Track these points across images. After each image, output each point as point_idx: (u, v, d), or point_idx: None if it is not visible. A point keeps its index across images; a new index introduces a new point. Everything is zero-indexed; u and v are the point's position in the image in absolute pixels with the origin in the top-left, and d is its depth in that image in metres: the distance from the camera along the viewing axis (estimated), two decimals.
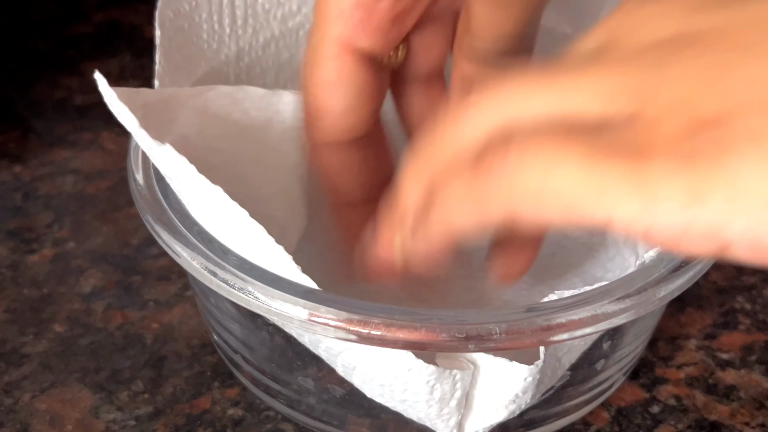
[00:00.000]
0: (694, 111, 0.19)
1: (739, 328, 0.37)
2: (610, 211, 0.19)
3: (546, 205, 0.20)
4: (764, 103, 0.18)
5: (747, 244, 0.18)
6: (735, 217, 0.18)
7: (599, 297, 0.25)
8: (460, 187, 0.23)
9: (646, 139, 0.19)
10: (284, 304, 0.25)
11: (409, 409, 0.28)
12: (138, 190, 0.29)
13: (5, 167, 0.44)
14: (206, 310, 0.32)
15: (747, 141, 0.18)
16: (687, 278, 0.27)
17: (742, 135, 0.18)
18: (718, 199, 0.18)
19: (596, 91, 0.21)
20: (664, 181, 0.19)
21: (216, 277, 0.26)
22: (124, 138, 0.46)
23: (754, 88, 0.18)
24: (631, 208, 0.19)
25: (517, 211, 0.21)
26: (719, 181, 0.18)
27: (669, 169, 0.19)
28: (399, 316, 0.25)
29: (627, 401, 0.34)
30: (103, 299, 0.37)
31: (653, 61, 0.20)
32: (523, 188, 0.21)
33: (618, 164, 0.19)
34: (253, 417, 0.33)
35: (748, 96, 0.18)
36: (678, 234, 0.19)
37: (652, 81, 0.20)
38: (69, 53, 0.52)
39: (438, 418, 0.28)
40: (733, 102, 0.18)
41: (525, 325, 0.25)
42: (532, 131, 0.21)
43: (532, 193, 0.21)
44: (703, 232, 0.18)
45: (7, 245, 0.40)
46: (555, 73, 0.22)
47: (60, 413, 0.33)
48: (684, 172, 0.18)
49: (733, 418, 0.33)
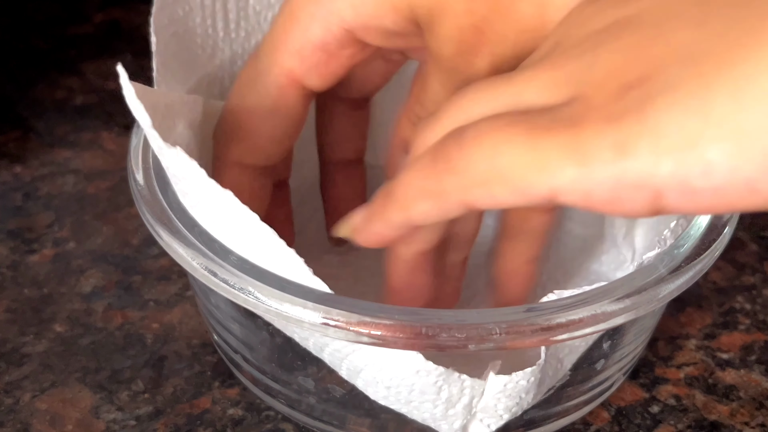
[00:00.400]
0: (620, 78, 0.20)
1: (739, 328, 0.37)
2: (551, 182, 0.21)
3: (495, 188, 0.22)
4: (677, 59, 0.20)
5: (677, 189, 0.19)
6: (660, 162, 0.19)
7: (599, 297, 0.25)
8: (418, 181, 0.24)
9: (580, 112, 0.21)
10: (295, 308, 0.25)
11: (414, 410, 0.28)
12: (138, 190, 0.29)
13: (6, 167, 0.44)
14: (206, 310, 0.32)
15: (665, 92, 0.19)
16: (687, 278, 0.27)
17: (661, 87, 0.19)
18: (644, 148, 0.19)
19: (539, 86, 0.23)
20: (594, 142, 0.20)
21: (216, 276, 0.26)
22: (124, 138, 0.46)
23: (668, 50, 0.20)
24: (568, 174, 0.20)
25: (471, 198, 0.22)
26: (643, 132, 0.19)
27: (598, 131, 0.20)
28: (399, 316, 0.25)
29: (627, 401, 0.34)
30: (104, 299, 0.37)
31: (586, 49, 0.22)
32: (473, 175, 0.22)
33: (555, 138, 0.20)
34: (253, 417, 0.33)
35: (664, 57, 0.20)
36: (613, 191, 0.20)
37: (584, 65, 0.22)
38: (69, 53, 0.52)
39: (443, 420, 0.28)
40: (652, 64, 0.20)
41: (525, 325, 0.25)
42: (480, 122, 0.22)
43: (482, 179, 0.22)
44: (634, 183, 0.20)
45: (8, 245, 0.40)
46: (506, 78, 0.24)
47: (60, 413, 0.33)
48: (612, 131, 0.20)
49: (733, 417, 0.33)
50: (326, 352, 0.28)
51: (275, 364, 0.31)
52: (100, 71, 0.51)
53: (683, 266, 0.27)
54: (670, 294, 0.26)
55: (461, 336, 0.25)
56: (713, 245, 0.28)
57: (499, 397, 0.27)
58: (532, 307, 0.25)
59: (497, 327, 0.25)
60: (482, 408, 0.27)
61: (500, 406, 0.27)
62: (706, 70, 0.19)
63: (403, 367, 0.26)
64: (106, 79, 0.50)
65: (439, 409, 0.27)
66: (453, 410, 0.27)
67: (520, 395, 0.27)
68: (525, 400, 0.28)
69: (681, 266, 0.27)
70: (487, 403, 0.27)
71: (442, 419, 0.28)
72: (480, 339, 0.25)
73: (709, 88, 0.19)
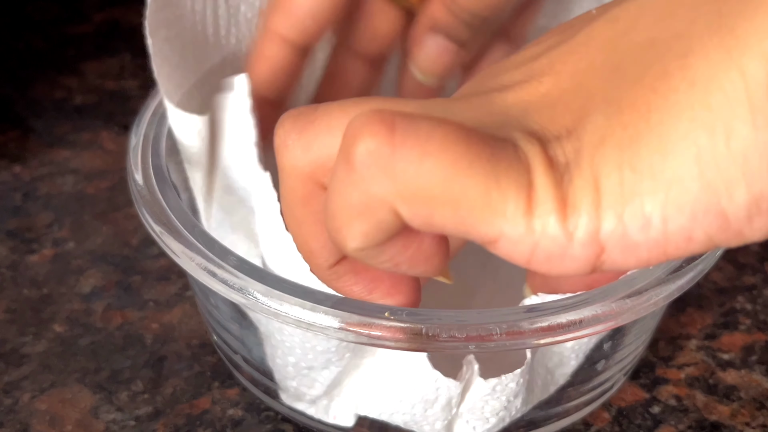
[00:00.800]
0: (549, 131, 0.20)
1: (740, 328, 0.37)
2: (503, 229, 0.19)
3: (437, 210, 0.20)
4: (599, 109, 0.19)
5: (618, 245, 0.19)
6: (603, 219, 0.19)
7: (599, 298, 0.25)
8: (338, 198, 0.21)
9: (526, 156, 0.20)
10: (293, 308, 0.25)
11: (395, 414, 0.28)
12: (137, 191, 0.29)
13: (5, 167, 0.44)
14: (206, 311, 0.32)
15: (597, 145, 0.19)
16: (687, 279, 0.27)
17: (590, 139, 0.19)
18: (587, 205, 0.19)
19: (476, 110, 0.22)
20: (544, 202, 0.19)
21: (215, 277, 0.26)
22: (123, 138, 0.46)
23: (588, 99, 0.20)
24: (518, 229, 0.19)
25: (402, 211, 0.20)
26: (585, 188, 0.19)
27: (545, 184, 0.19)
28: (399, 316, 0.25)
29: (627, 401, 0.34)
30: (103, 299, 0.37)
31: (514, 101, 0.21)
32: (413, 186, 0.20)
33: (511, 180, 0.19)
34: (252, 417, 0.33)
35: (586, 107, 0.20)
36: (560, 248, 0.19)
37: (512, 110, 0.21)
38: (69, 53, 0.52)
39: (423, 421, 0.28)
40: (577, 114, 0.20)
41: (525, 325, 0.25)
42: (425, 116, 0.20)
43: (424, 194, 0.20)
44: (581, 241, 0.19)
45: (7, 245, 0.40)
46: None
47: (60, 413, 0.33)
48: (557, 189, 0.19)
49: (734, 418, 0.33)
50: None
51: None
52: (99, 71, 0.51)
53: (683, 267, 0.27)
54: (671, 295, 0.26)
55: (461, 336, 0.24)
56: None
57: (486, 400, 0.27)
58: (533, 308, 0.25)
59: (497, 327, 0.25)
60: (468, 409, 0.27)
61: (487, 408, 0.27)
62: (627, 121, 0.19)
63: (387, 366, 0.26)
64: (105, 78, 0.50)
65: (417, 409, 0.27)
66: (431, 411, 0.27)
67: (508, 399, 0.27)
68: (513, 404, 0.28)
69: (681, 267, 0.27)
70: (474, 404, 0.27)
71: (423, 420, 0.28)
72: (480, 339, 0.25)
73: (636, 140, 0.19)
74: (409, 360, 0.26)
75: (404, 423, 0.28)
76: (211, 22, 0.33)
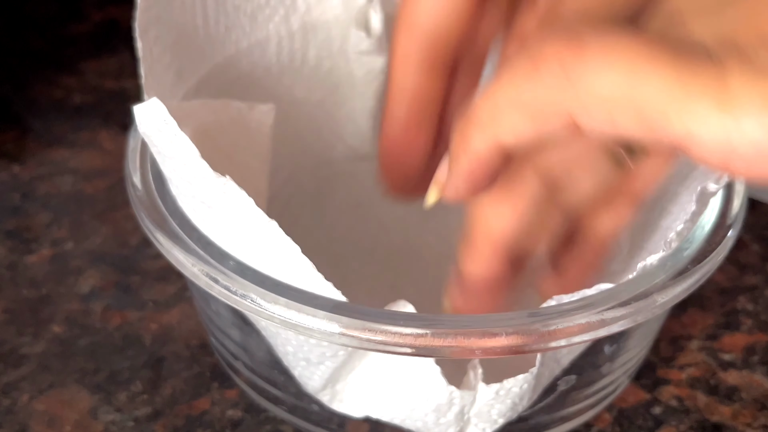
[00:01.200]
0: (744, 37, 0.19)
1: (742, 329, 0.37)
2: (692, 127, 0.18)
3: (620, 114, 0.19)
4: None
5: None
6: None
7: (601, 302, 0.25)
8: (511, 88, 0.20)
9: (724, 55, 0.18)
10: (293, 312, 0.25)
11: (407, 419, 0.28)
12: (136, 195, 0.29)
13: (3, 167, 0.44)
14: (206, 316, 0.32)
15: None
16: (689, 284, 0.27)
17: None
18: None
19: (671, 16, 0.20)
20: (744, 93, 0.18)
21: (217, 283, 0.26)
22: (122, 137, 0.45)
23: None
24: (713, 129, 0.18)
25: (582, 116, 0.20)
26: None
27: (748, 81, 0.18)
28: (403, 321, 0.25)
29: (629, 402, 0.34)
30: (102, 300, 0.37)
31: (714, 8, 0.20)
32: (593, 93, 0.19)
33: (700, 77, 0.18)
34: (252, 418, 0.33)
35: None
36: (762, 149, 0.18)
37: (717, 19, 0.20)
38: (67, 52, 0.52)
39: (436, 428, 0.28)
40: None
41: (528, 329, 0.24)
42: (606, 30, 0.20)
43: (603, 101, 0.19)
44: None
45: (6, 245, 0.40)
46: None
47: (58, 414, 0.33)
48: (755, 87, 0.18)
49: (735, 419, 0.33)
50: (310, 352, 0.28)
51: (275, 369, 0.30)
52: (98, 70, 0.51)
53: (685, 272, 0.27)
54: (673, 299, 0.26)
55: (467, 341, 0.24)
56: (717, 248, 0.28)
57: (492, 404, 0.27)
58: (535, 312, 0.25)
59: (503, 332, 0.24)
60: (476, 413, 0.27)
61: (494, 411, 0.27)
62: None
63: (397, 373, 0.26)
64: (104, 78, 0.50)
65: (430, 417, 0.27)
66: (444, 419, 0.27)
67: (514, 400, 0.27)
68: (520, 404, 0.28)
69: (683, 272, 0.27)
70: (481, 409, 0.27)
71: (435, 427, 0.28)
72: (483, 343, 0.24)
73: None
74: (419, 367, 0.26)
75: (416, 429, 0.28)
76: (201, 24, 0.33)
